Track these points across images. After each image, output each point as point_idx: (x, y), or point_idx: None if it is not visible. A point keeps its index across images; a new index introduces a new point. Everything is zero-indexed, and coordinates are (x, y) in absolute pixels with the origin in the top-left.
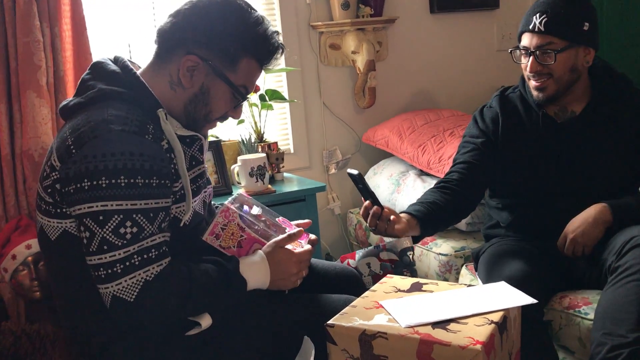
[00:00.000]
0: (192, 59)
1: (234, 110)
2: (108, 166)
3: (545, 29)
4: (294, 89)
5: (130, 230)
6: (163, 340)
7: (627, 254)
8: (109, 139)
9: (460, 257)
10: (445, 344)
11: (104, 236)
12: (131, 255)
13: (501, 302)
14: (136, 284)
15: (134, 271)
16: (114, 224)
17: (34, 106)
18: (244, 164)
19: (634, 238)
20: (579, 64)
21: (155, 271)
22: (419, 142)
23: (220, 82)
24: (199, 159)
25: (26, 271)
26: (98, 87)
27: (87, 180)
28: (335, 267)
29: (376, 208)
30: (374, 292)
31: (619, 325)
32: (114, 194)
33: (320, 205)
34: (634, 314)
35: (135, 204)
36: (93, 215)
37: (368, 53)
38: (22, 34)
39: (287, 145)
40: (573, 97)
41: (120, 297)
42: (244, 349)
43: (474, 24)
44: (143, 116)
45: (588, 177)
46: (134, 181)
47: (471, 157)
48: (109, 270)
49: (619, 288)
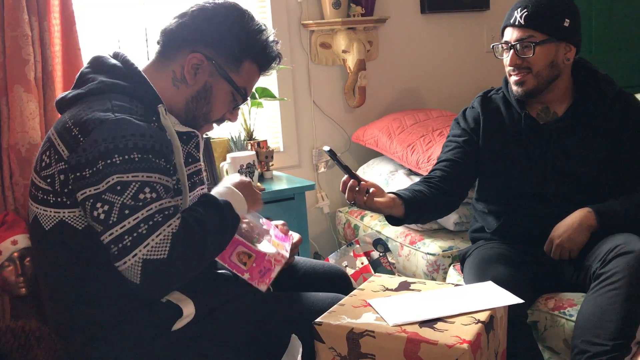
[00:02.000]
0: (198, 57)
1: (232, 112)
2: (119, 145)
3: (525, 22)
4: (284, 87)
5: (150, 195)
6: (148, 337)
7: (610, 262)
8: (116, 123)
9: (448, 257)
10: (432, 342)
11: (123, 202)
12: (153, 214)
13: (488, 301)
14: (165, 240)
15: (159, 228)
16: (133, 190)
17: (22, 101)
18: (233, 162)
19: (618, 246)
20: (559, 60)
21: (176, 224)
22: (408, 141)
23: (223, 81)
24: (195, 157)
25: (12, 267)
26: (99, 80)
27: (102, 161)
28: (323, 265)
29: (353, 181)
30: (362, 291)
31: (600, 333)
32: (129, 167)
33: (309, 203)
34: (614, 322)
35: (151, 177)
36: (111, 188)
37: (358, 52)
38: (10, 28)
39: (277, 143)
40: (554, 96)
41: (152, 258)
42: (232, 347)
43: (465, 25)
44: (146, 110)
45: (571, 180)
46: (147, 157)
47: (453, 155)
48: (133, 234)
49: (601, 296)
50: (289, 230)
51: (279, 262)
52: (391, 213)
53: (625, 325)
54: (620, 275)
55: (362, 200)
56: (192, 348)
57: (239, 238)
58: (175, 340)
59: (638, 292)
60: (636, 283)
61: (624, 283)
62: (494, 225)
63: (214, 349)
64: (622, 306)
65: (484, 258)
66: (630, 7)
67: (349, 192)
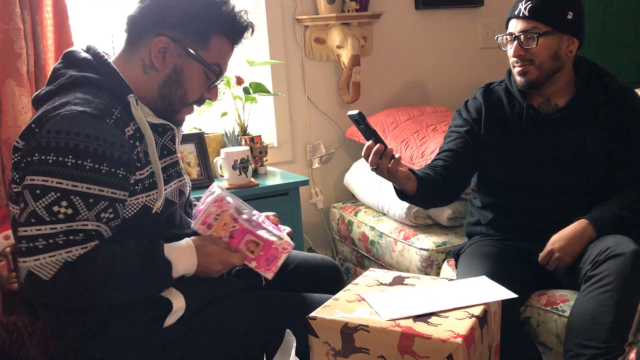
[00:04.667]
0: (163, 40)
1: (209, 91)
2: (60, 143)
3: (529, 14)
4: (278, 82)
5: (65, 210)
6: (140, 334)
7: (601, 264)
8: (67, 118)
9: (441, 253)
10: (426, 337)
11: (34, 209)
12: (56, 234)
13: (482, 296)
14: (55, 263)
15: (56, 250)
16: (49, 200)
17: (14, 95)
18: (227, 157)
19: (609, 249)
20: (561, 52)
21: (78, 253)
22: (402, 137)
23: (192, 61)
24: (170, 149)
25: (4, 262)
26: (69, 74)
27: (37, 155)
28: (315, 257)
29: (379, 145)
30: (356, 285)
31: (592, 336)
32: (57, 171)
33: (303, 199)
34: (606, 324)
35: (77, 186)
36: (31, 188)
37: (353, 48)
38: (2, 22)
39: (271, 138)
40: (556, 88)
41: (35, 273)
42: (225, 342)
43: (459, 21)
44: (111, 101)
45: (567, 172)
46: (82, 163)
47: (455, 145)
48: (30, 243)
49: (592, 299)
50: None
51: (285, 250)
52: (404, 187)
53: (618, 328)
54: (611, 277)
55: (387, 165)
56: (185, 345)
57: (247, 226)
58: (168, 337)
59: (629, 294)
60: (627, 285)
61: (615, 286)
62: (489, 217)
63: (207, 346)
64: (614, 308)
65: (477, 255)
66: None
67: (374, 156)
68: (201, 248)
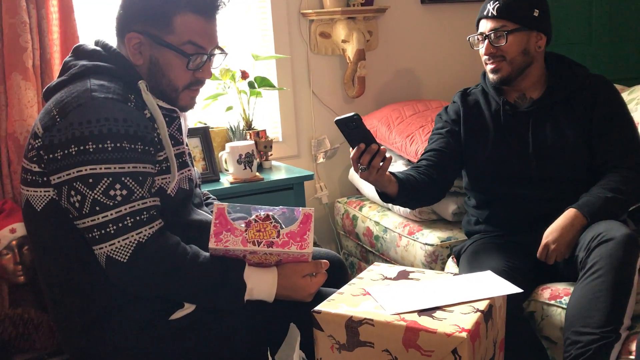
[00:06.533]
0: (133, 36)
1: (200, 70)
2: (94, 132)
3: (497, 13)
4: (283, 76)
5: (120, 192)
6: (147, 325)
7: (594, 250)
8: (93, 106)
9: (446, 248)
10: (431, 331)
11: (95, 197)
12: (123, 217)
13: (487, 290)
14: (129, 245)
15: (127, 232)
16: (104, 186)
17: (20, 89)
18: (232, 151)
19: (600, 234)
20: (531, 48)
21: (147, 233)
22: (407, 132)
23: (162, 48)
24: (178, 139)
25: (10, 255)
26: (80, 64)
27: (74, 146)
28: (319, 252)
29: (374, 145)
30: (361, 280)
31: (588, 322)
32: (101, 157)
33: (308, 194)
34: (601, 310)
35: (124, 167)
36: (83, 179)
37: (358, 42)
38: (8, 15)
39: (276, 133)
40: (529, 82)
41: (113, 257)
42: (230, 335)
43: (464, 16)
44: (125, 87)
45: (551, 161)
46: (120, 145)
47: (438, 145)
48: (102, 230)
49: (586, 286)
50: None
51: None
52: (386, 189)
53: (612, 313)
54: (602, 263)
55: (378, 164)
56: (190, 337)
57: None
58: (174, 328)
59: (622, 278)
60: (619, 269)
61: (607, 270)
62: (485, 214)
63: (213, 338)
64: (608, 294)
65: (479, 251)
66: None
67: (366, 155)
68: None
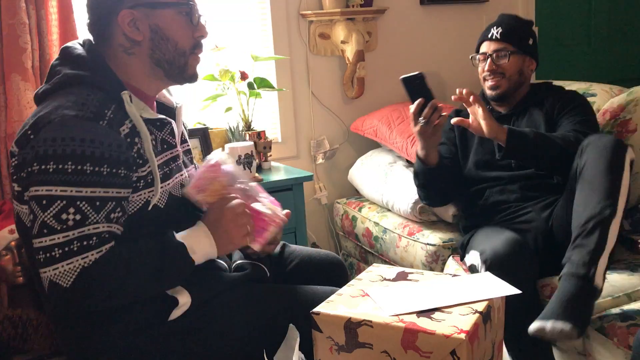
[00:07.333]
0: (125, 14)
1: (197, 29)
2: (57, 151)
3: (501, 37)
4: (282, 77)
5: (73, 217)
6: (145, 326)
7: (583, 154)
8: (61, 124)
9: (447, 249)
10: (429, 332)
11: (44, 220)
12: (70, 241)
13: (485, 292)
14: (73, 270)
15: (72, 257)
16: (56, 209)
17: (19, 90)
18: (231, 152)
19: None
20: (525, 70)
21: (93, 258)
22: (408, 132)
23: (161, 11)
24: (170, 143)
25: (9, 256)
26: (63, 73)
27: (37, 164)
28: (319, 253)
29: (435, 100)
30: (360, 281)
31: (591, 206)
32: (59, 179)
33: (307, 194)
34: (601, 191)
35: (81, 191)
36: (38, 198)
37: (357, 43)
38: (7, 16)
39: (275, 134)
40: (517, 99)
41: (56, 282)
42: (229, 337)
43: (463, 17)
44: (104, 100)
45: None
46: (82, 168)
47: (445, 153)
48: (47, 254)
49: (584, 181)
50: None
51: (275, 222)
52: (431, 153)
53: (608, 191)
54: (591, 156)
55: (436, 118)
56: (189, 338)
57: (238, 195)
58: (172, 330)
59: (612, 165)
60: (610, 159)
61: (598, 163)
62: (481, 203)
63: (211, 339)
64: (603, 179)
65: (489, 231)
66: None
67: (428, 109)
68: (212, 223)
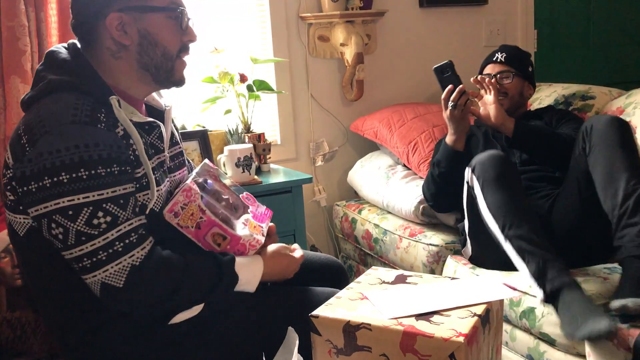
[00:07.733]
0: (114, 17)
1: (185, 33)
2: (65, 161)
3: (505, 60)
4: (282, 80)
5: (104, 220)
6: (145, 330)
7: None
8: (60, 133)
9: (450, 250)
10: (428, 335)
11: (78, 229)
12: (112, 242)
13: (484, 295)
14: (123, 269)
15: (119, 257)
16: (86, 216)
17: (18, 92)
18: (230, 154)
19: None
20: (524, 92)
21: (140, 255)
22: (409, 137)
23: (150, 15)
24: (158, 147)
25: (8, 258)
26: (48, 79)
27: (48, 178)
28: (319, 257)
29: (463, 86)
30: (359, 284)
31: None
32: (78, 187)
33: (306, 197)
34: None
35: (102, 194)
36: (62, 211)
37: (357, 46)
38: (7, 18)
39: (274, 136)
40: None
41: (109, 283)
42: (228, 340)
43: (463, 19)
44: (94, 104)
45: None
46: (95, 172)
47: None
48: (93, 258)
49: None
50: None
51: (253, 246)
52: (461, 138)
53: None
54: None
55: (464, 102)
56: (189, 342)
57: (215, 219)
58: (173, 333)
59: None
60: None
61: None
62: None
63: (211, 342)
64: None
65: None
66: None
67: (456, 94)
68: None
